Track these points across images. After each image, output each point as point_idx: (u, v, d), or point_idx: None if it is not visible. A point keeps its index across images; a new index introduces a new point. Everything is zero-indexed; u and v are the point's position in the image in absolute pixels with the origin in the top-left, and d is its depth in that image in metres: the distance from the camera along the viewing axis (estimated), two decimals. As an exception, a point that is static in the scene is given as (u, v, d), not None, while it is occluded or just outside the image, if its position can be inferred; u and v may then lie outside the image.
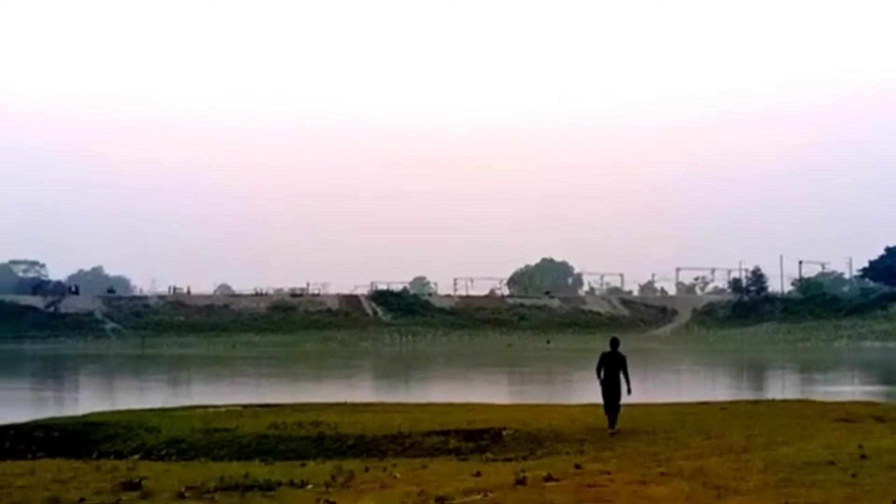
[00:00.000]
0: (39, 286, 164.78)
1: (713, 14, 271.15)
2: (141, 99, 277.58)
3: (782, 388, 60.84)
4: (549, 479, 15.51)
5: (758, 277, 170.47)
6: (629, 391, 24.24)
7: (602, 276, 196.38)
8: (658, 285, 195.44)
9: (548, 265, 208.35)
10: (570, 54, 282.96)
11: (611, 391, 24.18)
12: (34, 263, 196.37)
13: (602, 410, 24.64)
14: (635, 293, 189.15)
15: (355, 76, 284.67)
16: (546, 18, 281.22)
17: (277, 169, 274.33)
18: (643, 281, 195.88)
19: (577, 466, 17.13)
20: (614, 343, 24.65)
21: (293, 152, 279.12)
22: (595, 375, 24.58)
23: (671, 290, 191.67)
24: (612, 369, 24.29)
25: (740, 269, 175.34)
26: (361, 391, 55.73)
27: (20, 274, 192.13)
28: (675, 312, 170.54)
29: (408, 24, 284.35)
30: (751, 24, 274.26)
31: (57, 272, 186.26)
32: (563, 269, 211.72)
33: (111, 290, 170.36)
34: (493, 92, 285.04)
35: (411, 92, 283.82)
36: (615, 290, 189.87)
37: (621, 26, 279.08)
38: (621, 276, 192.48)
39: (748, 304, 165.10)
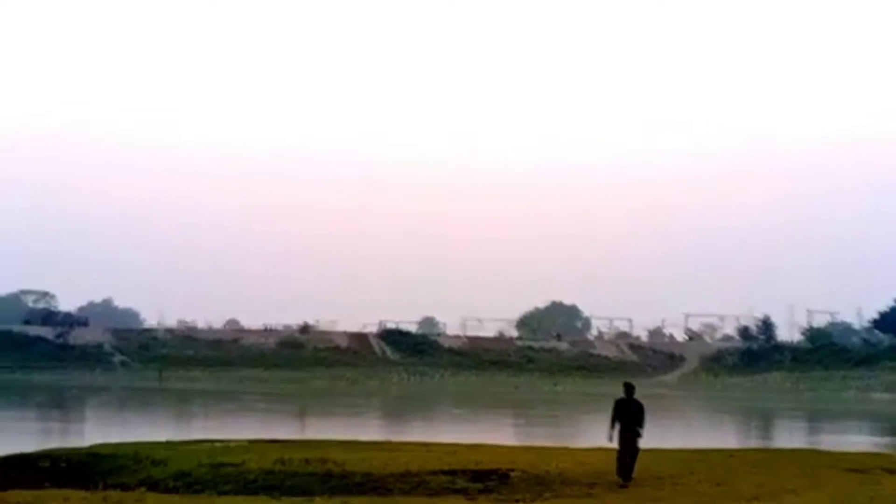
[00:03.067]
0: (49, 317, 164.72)
1: (725, 59, 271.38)
2: (157, 134, 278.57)
3: (790, 436, 60.66)
4: (556, 521, 15.48)
5: (766, 326, 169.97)
6: (639, 436, 23.00)
7: (611, 321, 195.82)
8: (667, 331, 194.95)
9: (557, 308, 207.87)
10: (580, 102, 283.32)
11: (628, 441, 22.78)
12: (44, 294, 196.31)
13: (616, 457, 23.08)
14: (644, 338, 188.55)
15: (368, 115, 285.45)
16: (561, 61, 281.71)
17: (288, 207, 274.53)
18: (652, 326, 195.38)
19: (586, 509, 17.10)
20: (629, 389, 23.43)
21: (303, 191, 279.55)
22: (609, 424, 22.91)
23: (679, 337, 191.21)
24: (628, 418, 22.89)
25: (749, 317, 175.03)
26: (369, 429, 55.64)
27: (30, 304, 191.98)
28: (683, 359, 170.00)
29: (419, 59, 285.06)
30: (758, 75, 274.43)
31: (67, 303, 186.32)
32: (572, 312, 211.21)
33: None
34: (504, 132, 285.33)
35: (418, 131, 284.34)
36: (623, 335, 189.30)
37: (629, 78, 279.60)
38: (630, 321, 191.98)
39: (756, 352, 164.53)
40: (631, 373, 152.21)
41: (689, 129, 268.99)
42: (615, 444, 22.97)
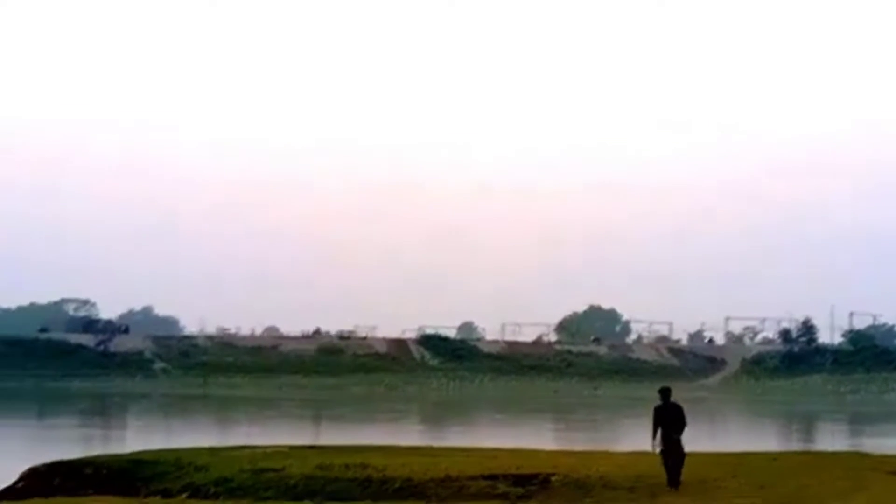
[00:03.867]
0: (90, 325, 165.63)
1: (743, 59, 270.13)
2: (193, 141, 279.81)
3: (833, 439, 60.30)
4: (599, 525, 15.44)
5: (808, 328, 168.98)
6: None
7: (650, 325, 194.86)
8: (707, 334, 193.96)
9: (595, 312, 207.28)
10: (614, 99, 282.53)
11: (673, 447, 22.37)
12: (85, 302, 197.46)
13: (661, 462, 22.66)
14: (684, 342, 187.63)
15: (403, 118, 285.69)
16: (597, 62, 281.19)
17: (326, 215, 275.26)
18: (692, 330, 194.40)
19: (628, 513, 17.04)
20: (666, 393, 23.03)
21: (341, 198, 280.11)
22: (651, 433, 22.54)
23: (720, 340, 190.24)
24: (668, 424, 22.45)
25: (790, 320, 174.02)
26: (408, 435, 55.66)
27: (71, 312, 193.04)
28: (723, 362, 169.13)
29: (446, 59, 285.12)
30: (804, 73, 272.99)
31: (107, 311, 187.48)
32: (611, 316, 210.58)
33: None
34: (538, 136, 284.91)
35: (455, 133, 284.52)
36: (663, 339, 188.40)
37: (658, 77, 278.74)
38: (670, 324, 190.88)
39: (798, 354, 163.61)
40: (671, 377, 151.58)
41: (726, 130, 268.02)
42: (658, 452, 22.63)
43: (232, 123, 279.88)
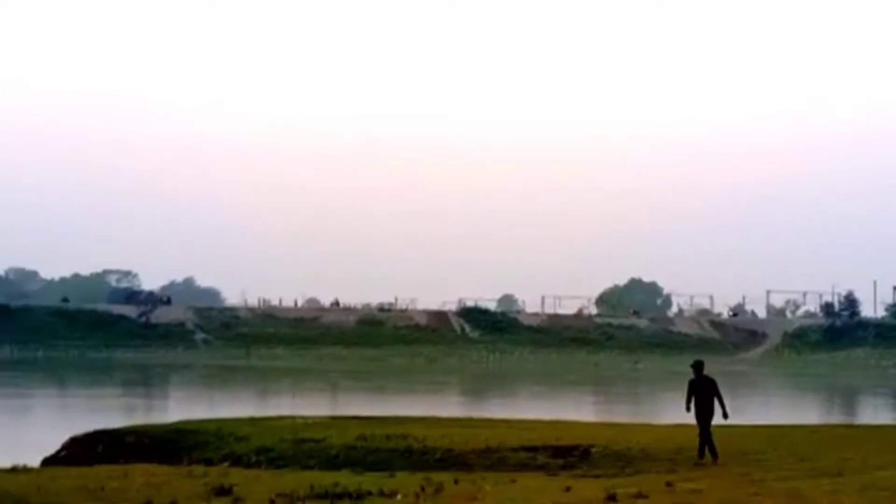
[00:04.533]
0: (132, 296, 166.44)
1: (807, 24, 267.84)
2: (236, 115, 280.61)
3: (875, 413, 59.95)
4: (639, 496, 15.39)
5: (850, 302, 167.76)
6: (725, 415, 22.45)
7: (691, 298, 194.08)
8: (748, 308, 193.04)
9: (636, 285, 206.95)
10: (652, 72, 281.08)
11: (705, 420, 22.12)
12: (127, 273, 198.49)
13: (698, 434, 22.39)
14: (725, 315, 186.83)
15: (446, 91, 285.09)
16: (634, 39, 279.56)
17: (366, 188, 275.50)
18: (733, 303, 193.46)
19: (668, 484, 16.97)
20: (699, 367, 22.72)
21: (381, 172, 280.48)
22: (684, 406, 22.42)
23: (761, 313, 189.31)
24: (703, 396, 22.23)
25: (833, 293, 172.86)
26: (448, 406, 55.75)
27: (113, 283, 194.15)
28: (765, 336, 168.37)
29: (493, 37, 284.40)
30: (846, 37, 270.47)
31: (149, 282, 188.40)
32: (652, 289, 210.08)
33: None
34: (581, 106, 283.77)
35: (496, 107, 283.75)
36: (704, 312, 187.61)
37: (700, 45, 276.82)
38: (711, 297, 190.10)
39: (840, 328, 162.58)
40: (712, 350, 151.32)
41: (761, 98, 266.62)
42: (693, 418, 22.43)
43: (282, 98, 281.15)
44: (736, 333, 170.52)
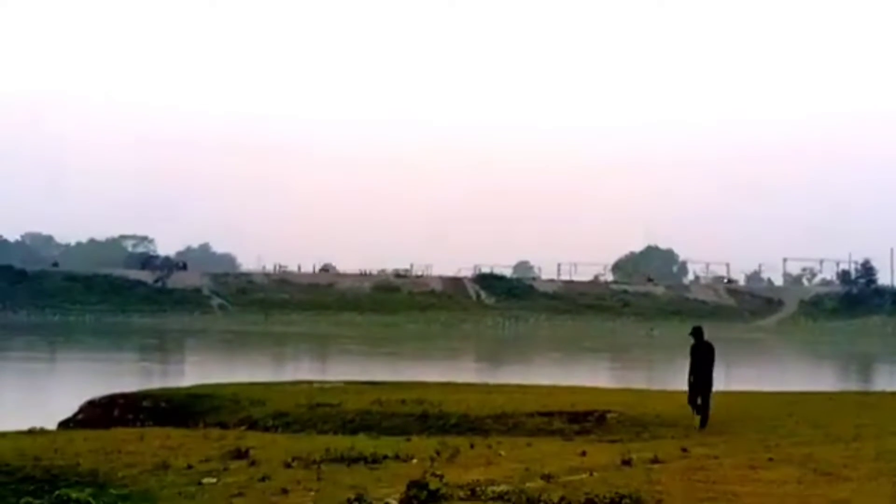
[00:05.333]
0: (148, 261, 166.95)
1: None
2: (253, 80, 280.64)
3: (891, 380, 59.88)
4: (655, 461, 15.37)
5: (867, 269, 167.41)
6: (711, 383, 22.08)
7: (707, 265, 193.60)
8: (765, 275, 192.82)
9: (652, 252, 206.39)
10: (667, 52, 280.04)
11: (702, 385, 21.88)
12: (143, 238, 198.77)
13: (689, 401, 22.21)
14: (741, 283, 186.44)
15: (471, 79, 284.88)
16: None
17: (381, 154, 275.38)
18: (749, 270, 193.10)
19: (684, 450, 16.95)
20: (699, 333, 22.28)
21: (398, 138, 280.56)
22: (689, 371, 22.03)
23: (778, 281, 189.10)
24: (702, 363, 21.96)
25: (849, 261, 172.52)
26: (464, 372, 55.82)
27: (129, 249, 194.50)
28: (781, 303, 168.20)
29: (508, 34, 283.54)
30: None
31: (165, 248, 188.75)
32: (668, 256, 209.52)
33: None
34: (598, 80, 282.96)
35: (507, 82, 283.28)
36: (720, 279, 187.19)
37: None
38: (727, 265, 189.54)
39: (857, 296, 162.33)
40: (728, 317, 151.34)
41: (786, 72, 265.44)
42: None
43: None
44: (752, 301, 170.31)
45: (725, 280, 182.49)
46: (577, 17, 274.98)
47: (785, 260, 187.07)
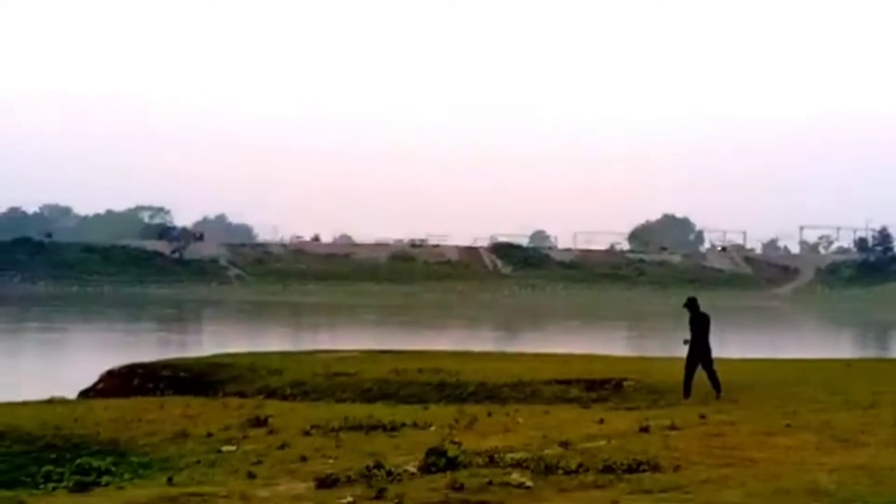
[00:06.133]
0: (165, 232, 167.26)
1: None
2: (272, 51, 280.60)
3: (909, 347, 59.78)
4: (672, 427, 15.41)
5: (885, 237, 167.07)
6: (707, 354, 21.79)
7: (724, 234, 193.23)
8: (781, 244, 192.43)
9: (669, 221, 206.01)
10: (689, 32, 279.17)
11: (697, 356, 21.71)
12: (160, 210, 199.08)
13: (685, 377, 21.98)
14: (758, 251, 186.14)
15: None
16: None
17: (398, 120, 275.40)
18: (766, 239, 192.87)
19: (702, 417, 16.99)
20: (694, 304, 22.25)
21: (415, 106, 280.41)
22: (688, 345, 21.84)
23: (794, 249, 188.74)
24: (700, 334, 21.80)
25: (866, 229, 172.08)
26: (481, 341, 55.91)
27: (146, 220, 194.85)
28: (797, 271, 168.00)
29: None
30: None
31: (182, 219, 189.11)
32: (685, 225, 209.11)
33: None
34: (618, 58, 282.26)
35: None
36: (737, 248, 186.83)
37: None
38: (744, 233, 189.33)
39: (874, 263, 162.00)
40: (744, 285, 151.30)
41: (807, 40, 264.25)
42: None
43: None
44: (769, 269, 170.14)
45: (785, 247, 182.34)
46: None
47: (801, 228, 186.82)
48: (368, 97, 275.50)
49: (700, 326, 21.97)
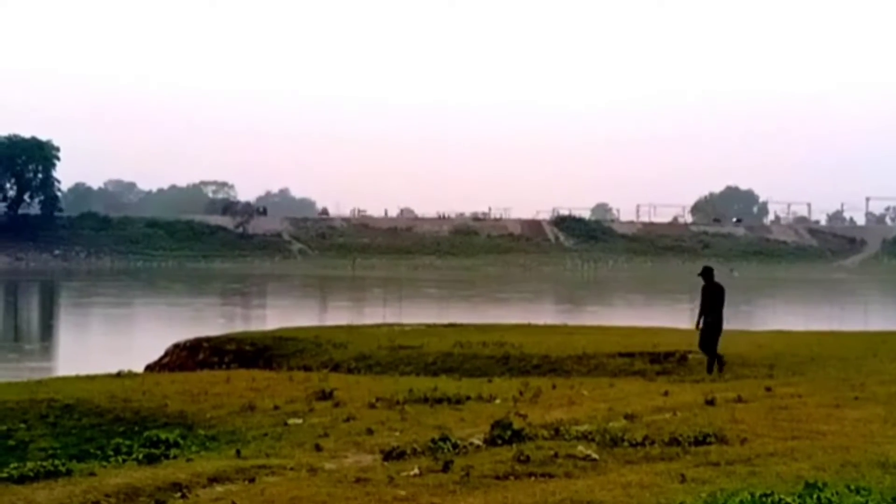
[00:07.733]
0: (228, 207, 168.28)
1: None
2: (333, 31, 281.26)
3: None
4: (738, 400, 15.33)
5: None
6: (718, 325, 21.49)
7: (788, 206, 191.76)
8: (847, 215, 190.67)
9: (732, 193, 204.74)
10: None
11: (714, 328, 21.39)
12: (223, 184, 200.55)
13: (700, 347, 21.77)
14: (823, 223, 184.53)
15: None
16: None
17: (459, 100, 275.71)
18: (831, 211, 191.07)
19: (768, 389, 16.88)
20: (709, 273, 21.98)
21: (473, 85, 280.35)
22: (699, 312, 21.60)
23: (860, 221, 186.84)
24: (715, 304, 21.47)
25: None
26: (544, 314, 55.73)
27: (210, 195, 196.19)
28: (863, 243, 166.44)
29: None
30: None
31: (245, 194, 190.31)
32: (748, 197, 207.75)
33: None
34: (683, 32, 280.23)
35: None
36: (802, 220, 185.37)
37: None
38: (808, 205, 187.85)
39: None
40: (810, 258, 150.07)
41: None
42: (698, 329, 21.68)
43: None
44: (834, 241, 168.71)
45: (851, 218, 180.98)
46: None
47: (868, 199, 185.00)
48: (425, 82, 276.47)
49: (714, 297, 21.65)
